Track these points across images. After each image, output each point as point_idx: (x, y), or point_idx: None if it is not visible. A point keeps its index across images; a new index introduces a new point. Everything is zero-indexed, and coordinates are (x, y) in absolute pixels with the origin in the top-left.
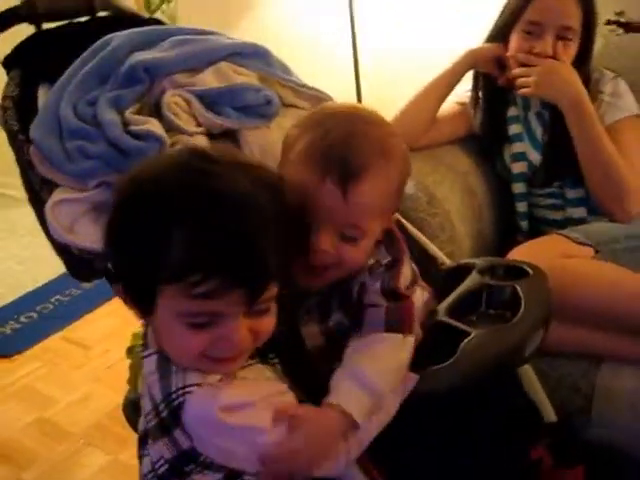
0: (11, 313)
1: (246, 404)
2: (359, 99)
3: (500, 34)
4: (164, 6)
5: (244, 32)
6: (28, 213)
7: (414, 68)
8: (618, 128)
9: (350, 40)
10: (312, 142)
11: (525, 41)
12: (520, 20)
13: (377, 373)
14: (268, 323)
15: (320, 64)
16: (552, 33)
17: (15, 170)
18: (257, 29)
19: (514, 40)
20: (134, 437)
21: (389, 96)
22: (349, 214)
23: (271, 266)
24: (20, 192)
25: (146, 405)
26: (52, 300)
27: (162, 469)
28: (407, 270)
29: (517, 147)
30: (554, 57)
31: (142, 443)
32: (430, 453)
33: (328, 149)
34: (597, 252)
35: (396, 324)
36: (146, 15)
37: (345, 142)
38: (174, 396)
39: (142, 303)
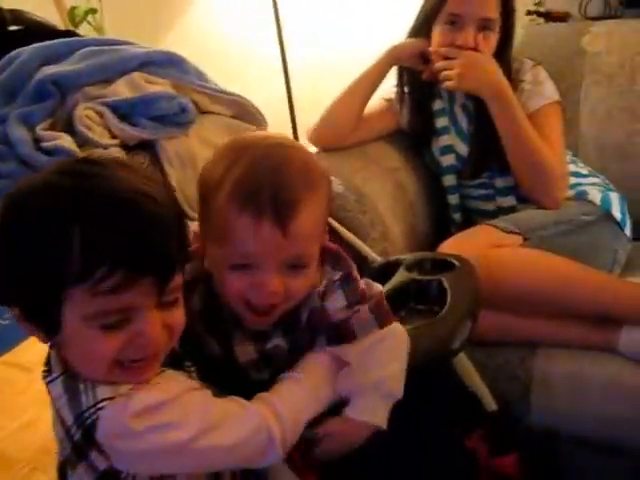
0: None
1: (158, 404)
2: (290, 101)
3: (422, 28)
4: (90, 18)
5: (172, 44)
6: None
7: (343, 68)
8: (540, 115)
9: (279, 46)
10: (238, 182)
11: (447, 34)
12: (441, 13)
13: (391, 376)
14: (179, 315)
15: (251, 72)
16: (473, 25)
17: None
18: (185, 41)
19: (436, 34)
20: None
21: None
22: (291, 248)
23: (174, 251)
24: None
25: (59, 433)
26: None
27: None
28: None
29: (444, 140)
30: (476, 49)
31: (61, 475)
32: (371, 450)
33: (257, 189)
34: (525, 240)
35: (385, 316)
36: (71, 28)
37: (273, 178)
38: (86, 415)
39: (45, 320)
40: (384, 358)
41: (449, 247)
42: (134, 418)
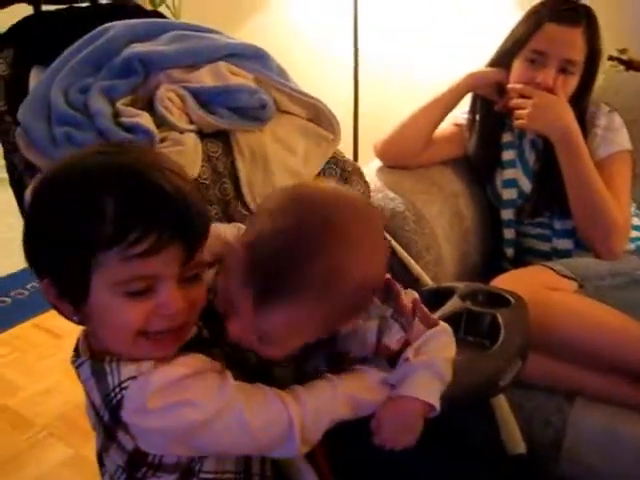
0: None
1: (177, 380)
2: (356, 108)
3: (503, 59)
4: (168, 1)
5: (247, 34)
6: (10, 195)
7: (414, 83)
8: (609, 162)
9: (352, 49)
10: (254, 243)
11: (527, 70)
12: (525, 48)
13: (443, 358)
14: (201, 291)
15: (321, 71)
16: (555, 65)
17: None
18: (260, 32)
19: (516, 67)
20: None
21: (386, 109)
22: (259, 325)
23: (200, 223)
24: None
25: (91, 417)
26: (27, 287)
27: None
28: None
29: (509, 173)
30: (553, 90)
31: (100, 460)
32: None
33: (261, 261)
34: (581, 287)
35: (429, 319)
36: (149, 8)
37: (280, 263)
38: (112, 395)
39: (74, 289)
40: (436, 346)
41: (504, 282)
42: (153, 395)
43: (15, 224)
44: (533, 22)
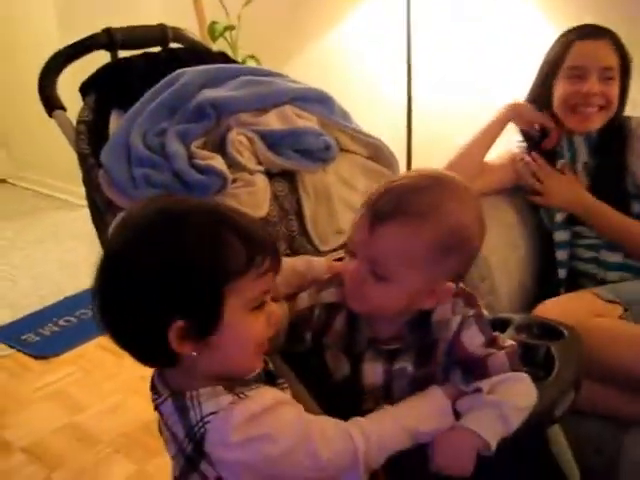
0: (50, 316)
1: (255, 415)
2: (409, 142)
3: (543, 85)
4: (226, 34)
5: (300, 65)
6: (74, 218)
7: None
8: None
9: (405, 87)
10: (378, 188)
11: (570, 85)
12: (561, 69)
13: (514, 406)
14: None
15: (375, 102)
16: (595, 74)
17: (66, 174)
18: (313, 63)
19: (559, 87)
20: (162, 448)
21: (439, 142)
22: (371, 249)
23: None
24: (69, 196)
25: (171, 450)
26: (91, 307)
27: None
28: None
29: None
30: (602, 95)
31: None
32: None
33: (381, 194)
34: (626, 310)
35: (519, 367)
36: (210, 42)
37: (401, 193)
38: (195, 429)
39: (206, 321)
40: (513, 391)
41: (551, 308)
42: (235, 430)
43: (77, 247)
44: (564, 44)
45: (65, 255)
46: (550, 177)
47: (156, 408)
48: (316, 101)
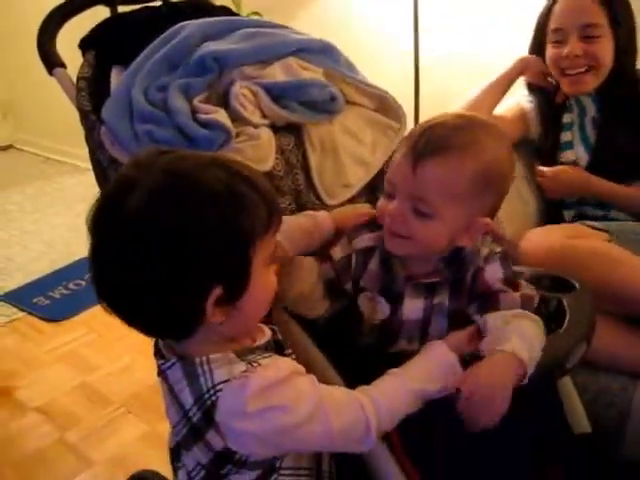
0: (61, 279)
1: (271, 385)
2: (417, 93)
3: (537, 52)
4: None
5: (307, 20)
6: (83, 182)
7: (474, 66)
8: None
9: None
10: (416, 128)
11: (554, 49)
12: (548, 34)
13: (534, 336)
14: None
15: (380, 56)
16: (575, 34)
17: (74, 139)
18: (320, 17)
19: (547, 55)
20: None
21: (447, 93)
22: (415, 187)
23: None
24: (77, 160)
25: (173, 417)
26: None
27: (198, 477)
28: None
29: (568, 155)
30: (587, 55)
31: (175, 456)
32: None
33: (421, 133)
34: (610, 241)
35: (532, 311)
36: None
37: (441, 131)
38: (206, 396)
39: (239, 282)
40: (526, 328)
41: (537, 234)
42: (251, 399)
43: (85, 211)
44: (547, 7)
45: (74, 219)
46: (553, 172)
47: (161, 373)
48: (321, 52)
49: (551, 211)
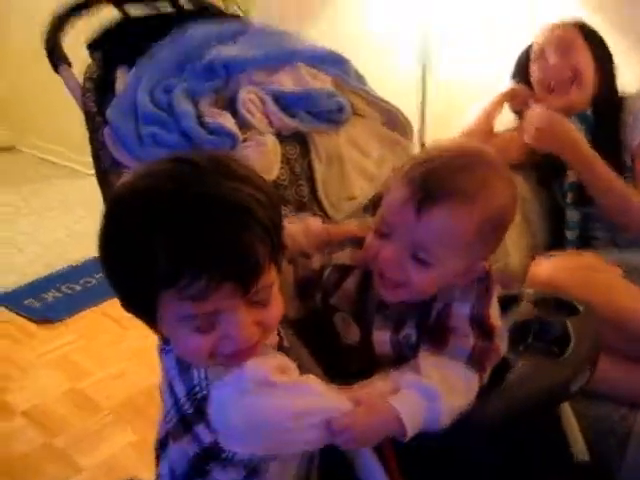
0: (55, 282)
1: (268, 379)
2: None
3: (522, 71)
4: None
5: (318, 30)
6: (83, 187)
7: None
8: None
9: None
10: (415, 165)
11: (537, 67)
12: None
13: (449, 408)
14: (272, 312)
15: (388, 70)
16: (551, 48)
17: (76, 143)
18: (331, 29)
19: (533, 72)
20: None
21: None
22: (418, 233)
23: (259, 257)
24: (78, 165)
25: (167, 403)
26: (96, 276)
27: (180, 469)
28: (495, 310)
29: (572, 175)
30: (567, 67)
31: (161, 446)
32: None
33: (423, 172)
34: (625, 276)
35: (478, 364)
36: (221, 4)
37: (447, 172)
38: (197, 388)
39: (144, 313)
40: (454, 389)
41: (546, 265)
42: (243, 392)
43: (86, 216)
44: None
45: (72, 223)
46: (537, 116)
47: (159, 353)
48: (331, 62)
49: (554, 231)
